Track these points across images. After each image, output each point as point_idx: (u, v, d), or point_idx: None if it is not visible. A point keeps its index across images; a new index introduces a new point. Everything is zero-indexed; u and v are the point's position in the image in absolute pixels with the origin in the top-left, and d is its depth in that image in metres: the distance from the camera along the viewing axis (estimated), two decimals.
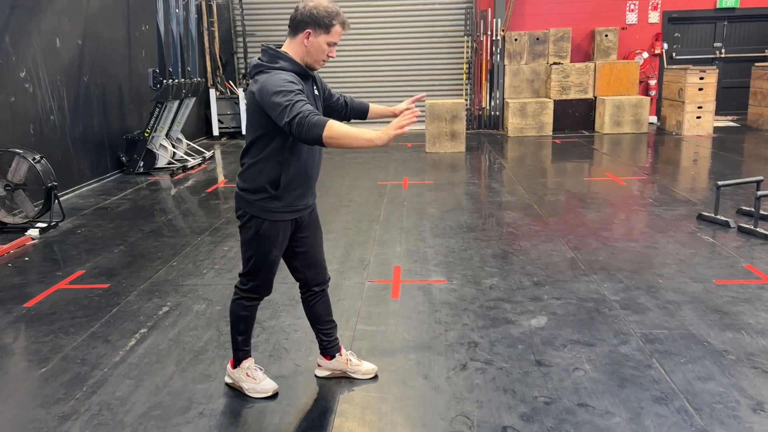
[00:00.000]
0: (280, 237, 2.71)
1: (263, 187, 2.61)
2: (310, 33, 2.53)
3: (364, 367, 3.06)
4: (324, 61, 2.60)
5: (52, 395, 2.95)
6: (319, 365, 3.07)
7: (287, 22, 2.64)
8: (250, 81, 2.59)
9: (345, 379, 3.03)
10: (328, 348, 3.01)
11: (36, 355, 3.36)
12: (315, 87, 2.70)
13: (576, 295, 3.97)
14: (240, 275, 2.82)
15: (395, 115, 2.91)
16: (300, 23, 2.53)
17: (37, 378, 3.12)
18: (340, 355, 3.03)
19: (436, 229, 5.49)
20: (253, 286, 2.79)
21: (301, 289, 2.95)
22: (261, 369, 2.96)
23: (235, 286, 2.85)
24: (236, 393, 2.93)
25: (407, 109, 2.80)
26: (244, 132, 2.44)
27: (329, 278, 2.99)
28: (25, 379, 3.12)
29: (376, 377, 3.04)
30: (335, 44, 2.58)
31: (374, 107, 3.04)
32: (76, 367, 3.21)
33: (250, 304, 2.84)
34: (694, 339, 3.32)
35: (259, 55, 2.60)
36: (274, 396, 2.89)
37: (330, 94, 2.88)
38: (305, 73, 2.59)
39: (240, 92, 11.88)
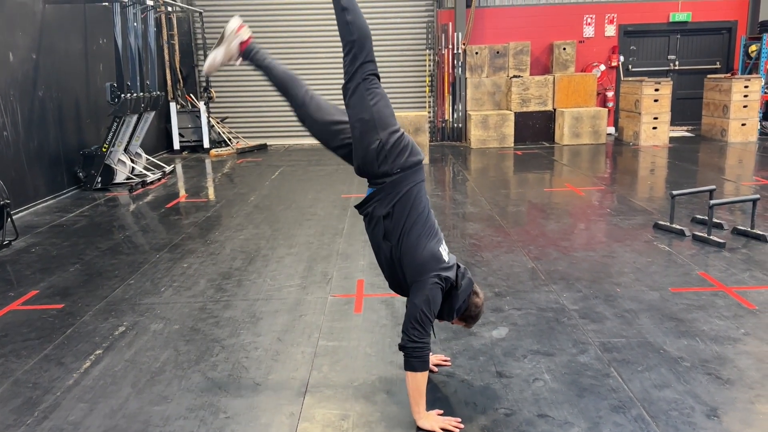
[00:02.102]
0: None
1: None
2: (459, 319, 2.91)
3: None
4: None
5: (1, 422, 2.85)
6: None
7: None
8: (442, 279, 2.72)
9: (307, 396, 2.99)
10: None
11: None
12: None
13: (536, 305, 4.01)
14: None
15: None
16: (461, 295, 2.80)
17: None
18: None
19: None
20: None
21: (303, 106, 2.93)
22: None
23: None
24: (193, 415, 2.86)
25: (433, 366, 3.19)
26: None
27: None
28: None
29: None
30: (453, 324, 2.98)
31: None
32: (27, 392, 3.11)
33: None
34: (650, 347, 3.38)
35: (468, 292, 2.82)
36: None
37: None
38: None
39: (201, 105, 11.76)
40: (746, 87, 10.92)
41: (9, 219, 5.74)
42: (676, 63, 12.99)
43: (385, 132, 2.69)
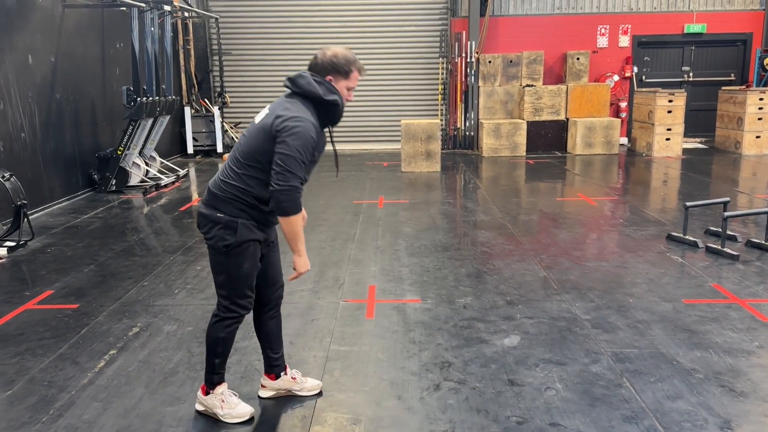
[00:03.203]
0: (251, 248, 2.70)
1: (247, 199, 2.63)
2: (331, 80, 2.68)
3: (309, 384, 3.07)
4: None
5: (17, 419, 2.88)
6: (263, 386, 3.05)
7: (263, 41, 2.69)
8: (287, 101, 2.62)
9: (318, 400, 3.01)
10: (275, 366, 3.01)
11: (1, 377, 3.28)
12: (325, 139, 2.80)
13: (548, 314, 4.00)
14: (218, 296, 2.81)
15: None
16: (323, 70, 2.67)
17: (1, 401, 3.04)
18: (285, 373, 3.03)
19: (411, 249, 5.51)
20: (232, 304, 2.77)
21: (256, 308, 2.94)
22: (235, 394, 2.93)
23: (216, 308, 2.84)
24: (206, 416, 2.88)
25: None
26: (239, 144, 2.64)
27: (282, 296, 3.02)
28: None
29: (320, 393, 3.06)
30: (353, 89, 2.74)
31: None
32: (42, 390, 3.14)
33: (231, 325, 2.81)
34: (663, 358, 3.37)
35: (319, 82, 2.64)
36: (250, 420, 2.85)
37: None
38: (324, 125, 2.71)
39: (215, 110, 11.85)
40: (761, 99, 10.87)
41: (25, 219, 5.81)
42: (691, 74, 12.94)
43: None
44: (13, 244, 5.64)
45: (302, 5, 12.49)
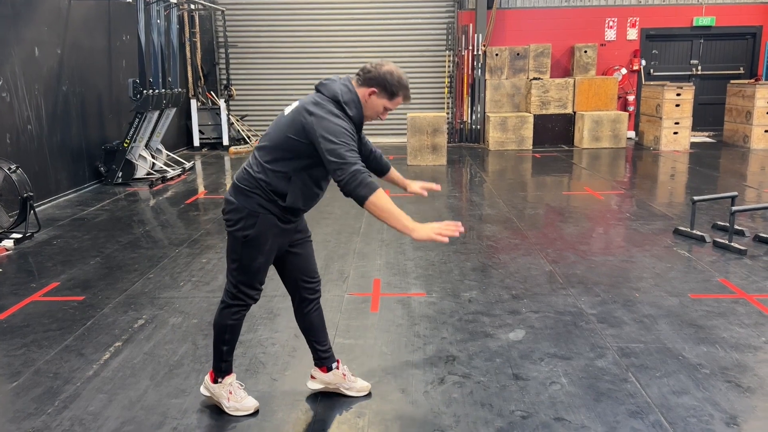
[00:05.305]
0: (268, 244, 2.68)
1: (267, 192, 2.60)
2: (375, 92, 2.62)
3: (359, 384, 3.02)
4: (372, 119, 2.71)
5: (22, 410, 2.89)
6: (312, 377, 3.01)
7: (269, 33, 2.65)
8: (317, 97, 2.60)
9: (321, 394, 3.01)
10: (325, 359, 2.97)
11: (7, 368, 3.30)
12: (360, 134, 2.77)
13: (554, 308, 3.99)
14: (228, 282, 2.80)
15: (405, 189, 3.02)
16: (371, 80, 2.61)
17: (7, 392, 3.05)
18: (337, 368, 3.00)
19: (417, 242, 5.50)
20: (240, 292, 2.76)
21: (297, 305, 2.92)
22: (242, 386, 2.93)
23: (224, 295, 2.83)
24: (211, 408, 2.89)
25: (422, 190, 2.97)
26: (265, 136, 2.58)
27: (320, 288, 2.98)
28: None
29: (369, 395, 3.01)
30: (390, 110, 2.69)
31: (393, 173, 3.06)
32: (48, 381, 3.15)
33: (237, 312, 2.80)
34: (669, 353, 3.36)
35: (341, 84, 2.62)
36: (254, 413, 2.85)
37: (360, 137, 2.88)
38: (360, 123, 2.66)
39: (221, 103, 11.84)
40: None
41: (32, 211, 5.83)
42: (699, 68, 12.85)
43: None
44: (19, 235, 5.66)
45: None
